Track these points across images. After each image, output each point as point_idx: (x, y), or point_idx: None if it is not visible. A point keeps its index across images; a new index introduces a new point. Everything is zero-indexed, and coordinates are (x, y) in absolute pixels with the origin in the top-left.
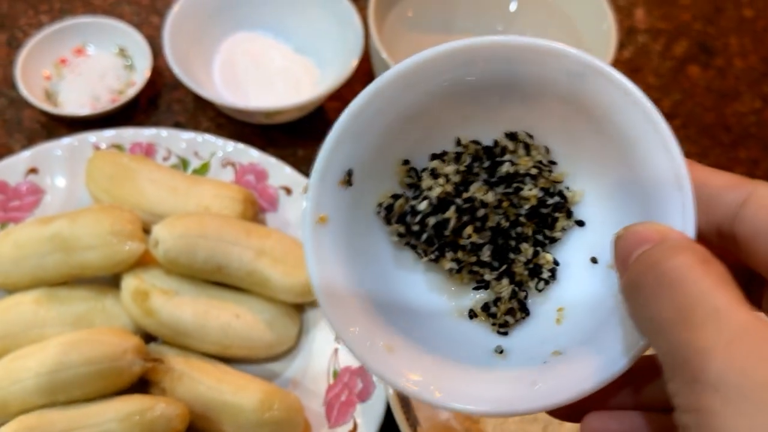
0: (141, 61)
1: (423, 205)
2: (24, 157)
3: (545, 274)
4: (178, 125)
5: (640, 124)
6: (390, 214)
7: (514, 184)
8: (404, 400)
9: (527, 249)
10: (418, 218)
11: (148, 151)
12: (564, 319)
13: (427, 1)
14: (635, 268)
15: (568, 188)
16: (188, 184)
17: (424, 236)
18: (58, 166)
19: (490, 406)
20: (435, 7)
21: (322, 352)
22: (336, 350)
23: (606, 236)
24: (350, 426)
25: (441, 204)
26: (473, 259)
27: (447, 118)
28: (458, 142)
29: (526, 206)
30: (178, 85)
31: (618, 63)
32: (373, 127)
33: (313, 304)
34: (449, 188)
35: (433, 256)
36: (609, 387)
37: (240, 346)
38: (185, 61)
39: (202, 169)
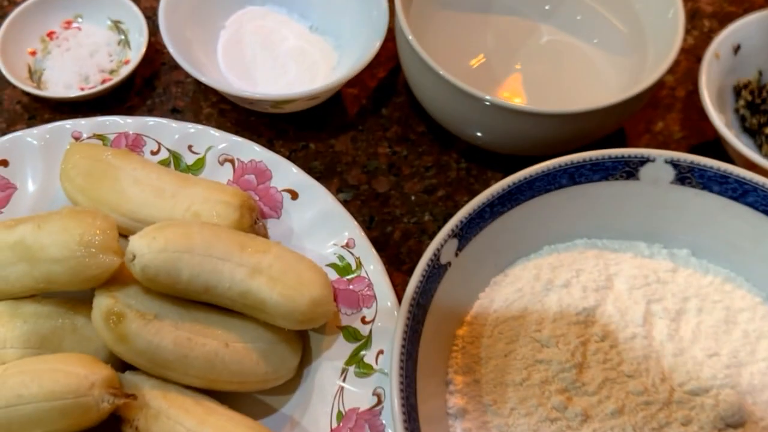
0: (137, 36)
1: None
2: None
3: None
4: (175, 111)
5: None
6: None
7: None
8: None
9: None
10: None
11: (135, 143)
12: None
13: None
14: None
15: None
16: (177, 186)
17: None
18: (31, 158)
19: None
20: None
21: (326, 389)
22: (341, 389)
23: None
24: None
25: None
26: None
27: None
28: None
29: None
30: (178, 64)
31: (679, 51)
32: None
33: (317, 330)
34: None
35: None
36: None
37: (229, 380)
38: (184, 39)
39: (197, 166)
